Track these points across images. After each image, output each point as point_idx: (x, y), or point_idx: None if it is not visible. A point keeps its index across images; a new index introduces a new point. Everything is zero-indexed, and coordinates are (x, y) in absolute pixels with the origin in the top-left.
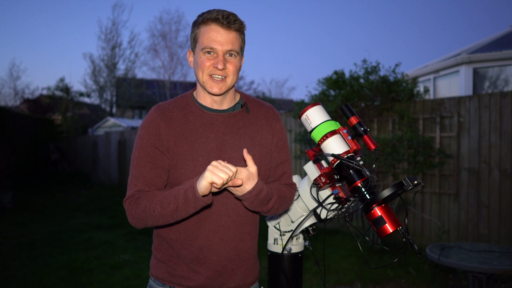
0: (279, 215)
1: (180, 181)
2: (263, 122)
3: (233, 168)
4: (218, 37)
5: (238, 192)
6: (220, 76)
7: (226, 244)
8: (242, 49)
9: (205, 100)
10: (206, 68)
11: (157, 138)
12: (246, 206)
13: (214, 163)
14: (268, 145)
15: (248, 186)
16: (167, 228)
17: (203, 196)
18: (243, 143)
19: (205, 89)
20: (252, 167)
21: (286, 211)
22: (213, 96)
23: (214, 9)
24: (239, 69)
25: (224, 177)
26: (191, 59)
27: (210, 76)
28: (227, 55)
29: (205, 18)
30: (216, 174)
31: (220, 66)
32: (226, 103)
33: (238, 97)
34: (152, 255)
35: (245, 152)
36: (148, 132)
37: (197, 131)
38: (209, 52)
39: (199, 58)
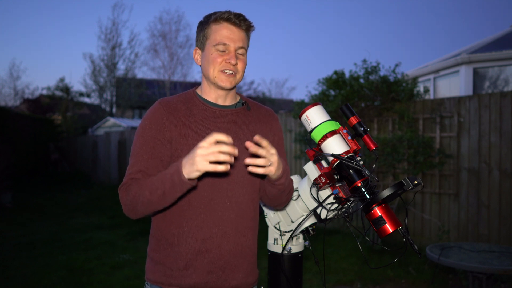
0: (278, 215)
1: None
2: (264, 121)
3: (217, 138)
4: (231, 34)
5: (277, 171)
6: (231, 71)
7: (229, 237)
8: (247, 48)
9: (210, 95)
10: (218, 63)
11: (159, 129)
12: (280, 187)
13: (201, 146)
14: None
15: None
16: (167, 222)
17: (190, 179)
18: (246, 138)
19: (216, 83)
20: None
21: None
22: (218, 91)
23: (223, 11)
24: (245, 67)
25: (214, 159)
26: (197, 56)
27: (222, 71)
28: (238, 52)
29: (217, 17)
30: (206, 161)
31: (233, 61)
32: (229, 100)
33: (238, 98)
34: (147, 257)
35: (257, 137)
36: (150, 122)
37: (201, 122)
38: (222, 49)
39: (210, 55)
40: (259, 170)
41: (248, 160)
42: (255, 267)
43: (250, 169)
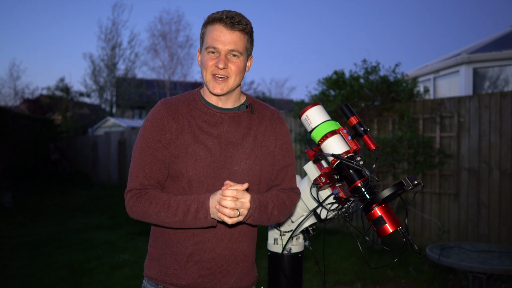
0: None
1: (180, 174)
2: (267, 124)
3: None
4: (221, 36)
5: (243, 215)
6: (222, 76)
7: (222, 242)
8: (248, 50)
9: (210, 98)
10: (209, 67)
11: (161, 131)
12: (250, 223)
13: (225, 204)
14: (271, 147)
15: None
16: None
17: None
18: (246, 143)
19: (208, 88)
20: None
21: (289, 217)
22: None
23: (221, 10)
24: (243, 69)
25: (234, 214)
26: (199, 58)
27: (213, 75)
28: (230, 55)
29: (210, 18)
30: (225, 215)
31: (220, 65)
32: (230, 103)
33: (244, 99)
34: (147, 254)
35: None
36: (152, 124)
37: (200, 126)
38: (212, 52)
39: (203, 58)
40: (226, 220)
41: (217, 207)
42: (251, 271)
43: (220, 215)
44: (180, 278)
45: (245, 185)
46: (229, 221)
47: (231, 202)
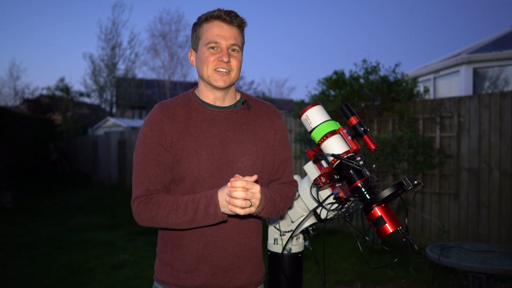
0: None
1: (184, 176)
2: (265, 119)
3: (247, 186)
4: (222, 32)
5: (255, 206)
6: (224, 70)
7: (232, 239)
8: (243, 45)
9: (208, 97)
10: (211, 62)
11: (161, 135)
12: (263, 216)
13: (236, 195)
14: (271, 141)
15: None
16: None
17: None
18: (246, 139)
19: (210, 83)
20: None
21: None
22: (216, 92)
23: (216, 9)
24: (241, 64)
25: (246, 205)
26: (192, 58)
27: (215, 70)
28: (231, 49)
29: (208, 16)
30: (237, 206)
31: (225, 59)
32: (228, 100)
33: (238, 96)
34: (156, 257)
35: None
36: (152, 129)
37: (200, 126)
38: (213, 47)
39: (203, 54)
40: (239, 211)
41: (228, 199)
42: (260, 266)
43: (230, 208)
44: (193, 279)
45: (254, 177)
46: (241, 212)
47: (241, 192)
